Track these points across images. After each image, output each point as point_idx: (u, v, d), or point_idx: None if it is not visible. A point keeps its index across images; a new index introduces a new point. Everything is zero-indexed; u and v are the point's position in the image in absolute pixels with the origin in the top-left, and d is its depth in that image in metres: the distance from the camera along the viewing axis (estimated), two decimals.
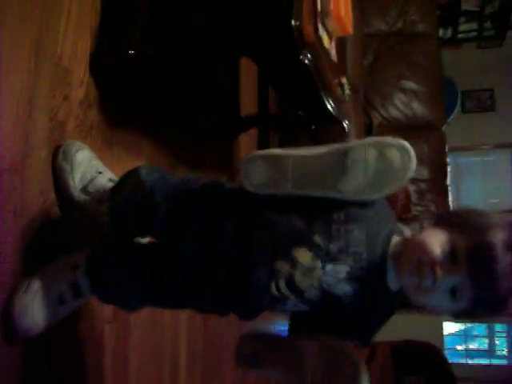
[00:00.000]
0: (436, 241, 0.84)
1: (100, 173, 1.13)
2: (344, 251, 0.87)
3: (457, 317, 0.91)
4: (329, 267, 0.87)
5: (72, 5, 1.19)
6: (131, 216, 1.04)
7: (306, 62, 1.14)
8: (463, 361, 7.18)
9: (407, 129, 3.06)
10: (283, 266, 0.88)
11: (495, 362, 7.27)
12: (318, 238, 0.88)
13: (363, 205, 0.89)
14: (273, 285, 0.89)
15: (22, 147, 1.02)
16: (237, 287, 0.94)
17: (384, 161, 0.85)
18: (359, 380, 0.80)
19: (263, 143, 2.43)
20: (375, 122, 3.08)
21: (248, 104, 2.13)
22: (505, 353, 7.28)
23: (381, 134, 3.00)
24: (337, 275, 0.87)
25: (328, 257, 0.87)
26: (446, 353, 4.79)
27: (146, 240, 1.12)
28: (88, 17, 1.24)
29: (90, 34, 1.25)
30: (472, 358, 7.36)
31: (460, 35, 6.29)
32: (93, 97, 1.24)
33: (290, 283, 0.88)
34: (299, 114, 1.55)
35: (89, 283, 1.03)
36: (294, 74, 1.27)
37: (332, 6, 1.25)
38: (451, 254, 0.82)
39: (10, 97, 1.00)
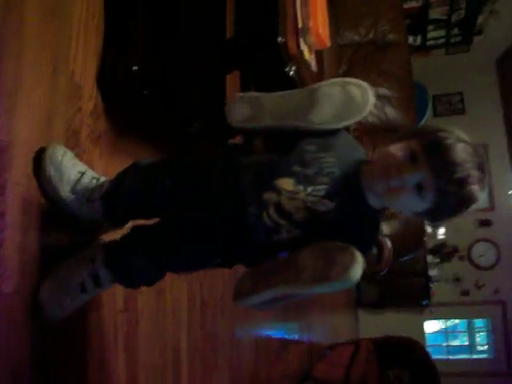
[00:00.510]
0: (396, 148, 0.98)
1: (82, 173, 1.17)
2: (319, 173, 1.01)
3: (430, 216, 1.00)
4: (309, 189, 1.00)
5: (80, 28, 1.33)
6: (137, 199, 1.14)
7: (291, 73, 1.31)
8: (445, 357, 7.38)
9: (381, 132, 3.24)
10: (270, 196, 1.01)
11: (475, 356, 7.48)
12: (295, 167, 1.01)
13: (329, 137, 1.04)
14: (264, 214, 1.01)
15: None
16: (237, 230, 1.04)
17: (347, 95, 1.01)
18: (354, 263, 0.88)
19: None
20: (351, 126, 3.25)
21: None
22: (485, 347, 7.51)
23: (356, 138, 3.17)
24: (317, 193, 1.00)
25: (307, 180, 1.00)
26: (428, 350, 4.94)
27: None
28: (93, 38, 1.38)
29: (96, 53, 1.39)
30: (453, 354, 7.57)
31: (429, 42, 6.53)
32: (100, 109, 1.38)
33: (279, 209, 1.00)
34: None
35: (109, 273, 1.12)
36: (279, 85, 1.42)
37: (311, 23, 1.41)
38: (411, 156, 0.95)
39: (34, 108, 1.13)
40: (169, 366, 1.71)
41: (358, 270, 0.88)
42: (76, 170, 1.17)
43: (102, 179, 1.20)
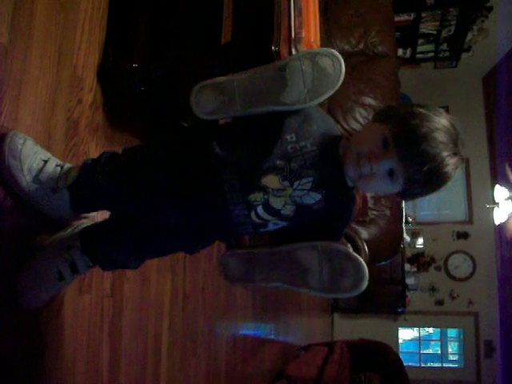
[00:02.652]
0: (369, 134, 0.97)
1: (45, 161, 1.11)
2: (304, 166, 0.97)
3: (402, 196, 1.01)
4: (296, 183, 0.97)
5: (85, 22, 1.39)
6: (113, 198, 1.10)
7: None
8: (417, 364, 7.54)
9: None
10: (257, 196, 0.98)
11: (447, 365, 7.64)
12: (279, 162, 0.97)
13: (304, 119, 0.99)
14: (253, 214, 0.99)
15: (46, 141, 1.21)
16: (219, 223, 1.03)
17: (318, 68, 0.95)
18: (363, 278, 0.90)
19: None
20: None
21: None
22: (456, 357, 7.67)
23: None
24: (304, 187, 0.98)
25: (292, 175, 0.97)
26: (401, 357, 5.06)
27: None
28: (97, 32, 1.45)
29: (99, 46, 1.45)
30: (425, 361, 7.72)
31: (418, 55, 6.65)
32: (99, 101, 1.44)
33: (267, 207, 0.98)
34: None
35: (88, 260, 1.12)
36: None
37: (303, 33, 1.49)
38: (383, 143, 0.94)
39: (38, 98, 1.19)
40: (149, 352, 1.78)
41: (366, 282, 0.91)
42: (39, 158, 1.10)
43: (67, 166, 1.14)
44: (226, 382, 2.58)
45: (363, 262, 0.91)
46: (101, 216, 1.31)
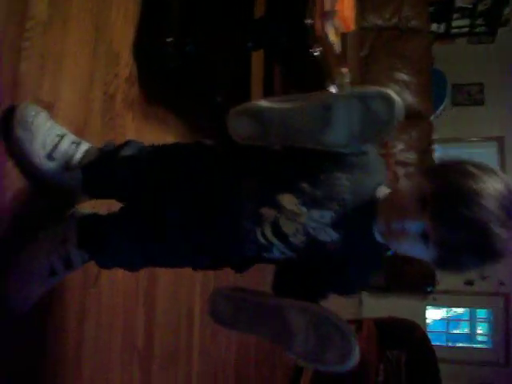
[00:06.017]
0: (409, 187, 0.84)
1: (60, 136, 1.05)
2: (329, 197, 0.87)
3: (439, 266, 0.87)
4: (314, 213, 0.87)
5: None
6: (127, 188, 1.05)
7: (316, 54, 1.38)
8: (444, 344, 7.51)
9: None
10: (268, 212, 0.88)
11: (475, 345, 7.60)
12: (304, 185, 0.88)
13: (354, 154, 0.88)
14: (259, 231, 0.89)
15: (84, 115, 1.24)
16: (228, 237, 0.94)
17: (368, 111, 0.81)
18: (351, 353, 0.79)
19: None
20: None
21: (256, 92, 2.33)
22: (485, 337, 7.61)
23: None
24: (321, 220, 0.87)
25: (313, 203, 0.87)
26: (429, 336, 5.04)
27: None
28: (132, 8, 1.46)
29: (134, 22, 1.47)
30: (453, 341, 7.69)
31: (453, 30, 6.47)
32: (135, 76, 1.47)
33: (276, 228, 0.88)
34: None
35: (85, 254, 1.04)
36: (304, 63, 1.50)
37: (338, 7, 1.48)
38: (421, 200, 0.80)
39: (76, 73, 1.22)
40: (182, 324, 1.82)
41: (354, 359, 0.79)
42: (53, 133, 1.05)
43: (84, 145, 1.08)
44: (255, 353, 2.62)
45: (353, 337, 0.81)
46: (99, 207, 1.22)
